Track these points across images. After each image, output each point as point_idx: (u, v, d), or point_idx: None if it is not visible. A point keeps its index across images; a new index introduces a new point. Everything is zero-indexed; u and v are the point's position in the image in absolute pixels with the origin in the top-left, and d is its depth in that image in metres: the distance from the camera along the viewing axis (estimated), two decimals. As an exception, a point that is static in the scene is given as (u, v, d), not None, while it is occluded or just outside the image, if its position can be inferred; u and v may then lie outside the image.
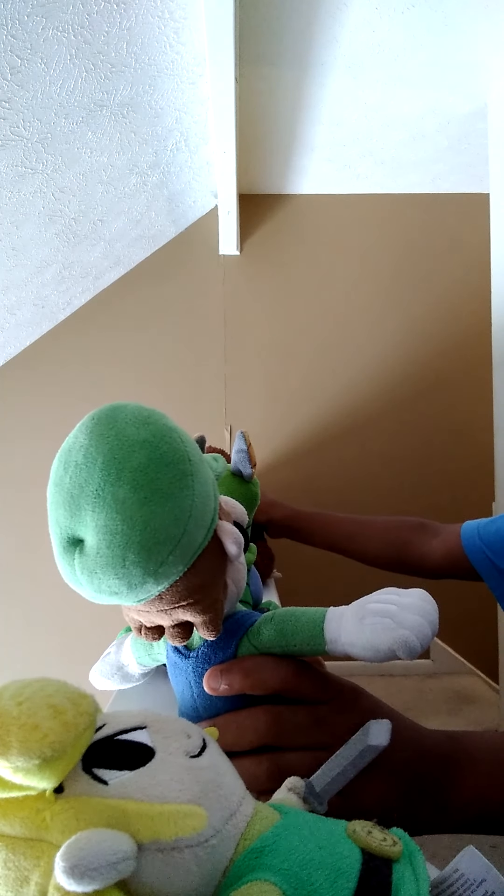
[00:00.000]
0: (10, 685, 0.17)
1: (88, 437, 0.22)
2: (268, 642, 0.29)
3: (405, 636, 0.25)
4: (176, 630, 0.26)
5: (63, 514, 0.22)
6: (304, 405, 1.97)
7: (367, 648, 0.25)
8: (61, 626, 1.85)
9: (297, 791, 0.23)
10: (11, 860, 0.16)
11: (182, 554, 0.23)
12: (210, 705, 0.29)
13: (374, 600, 0.27)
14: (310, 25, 1.20)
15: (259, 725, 0.28)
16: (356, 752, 0.23)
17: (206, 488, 0.25)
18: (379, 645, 0.25)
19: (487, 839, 1.12)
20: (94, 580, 0.22)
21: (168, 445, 0.23)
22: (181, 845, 0.16)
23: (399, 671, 1.93)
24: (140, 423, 0.23)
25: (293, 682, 0.28)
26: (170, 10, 1.03)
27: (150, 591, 0.23)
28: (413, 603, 0.26)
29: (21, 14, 0.86)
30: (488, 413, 1.76)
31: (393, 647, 0.25)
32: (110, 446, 0.22)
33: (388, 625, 0.25)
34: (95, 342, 1.92)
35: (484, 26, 1.21)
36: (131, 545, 0.21)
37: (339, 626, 0.27)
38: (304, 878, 0.17)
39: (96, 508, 0.21)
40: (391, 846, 0.19)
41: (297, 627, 0.28)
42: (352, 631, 0.26)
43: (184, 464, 0.23)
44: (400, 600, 0.27)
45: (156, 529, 0.22)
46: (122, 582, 0.22)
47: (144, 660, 0.37)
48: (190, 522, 0.23)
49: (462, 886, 0.18)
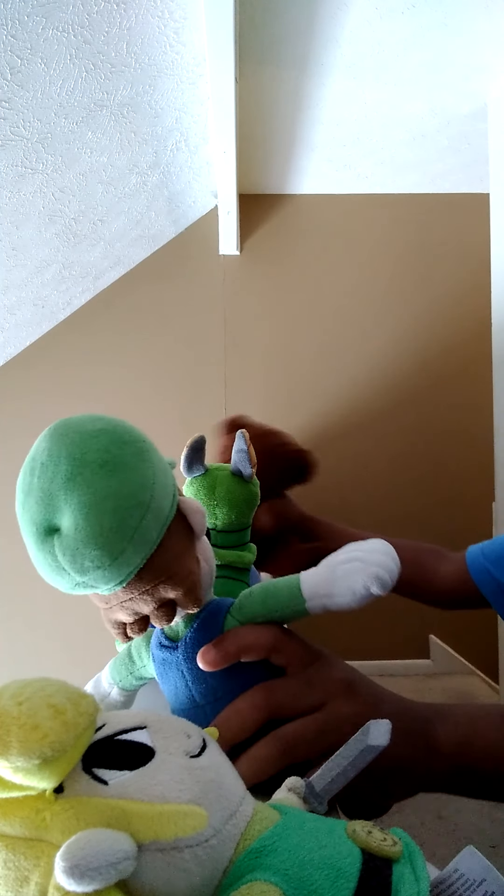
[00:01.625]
0: (10, 685, 0.17)
1: (49, 440, 0.24)
2: (251, 613, 0.31)
3: (376, 571, 0.28)
4: (161, 611, 0.27)
5: (37, 511, 0.24)
6: (303, 405, 1.97)
7: (344, 593, 0.28)
8: (61, 626, 1.85)
9: (297, 791, 0.23)
10: (11, 860, 0.16)
11: (154, 520, 0.25)
12: (206, 689, 0.30)
13: (341, 553, 0.30)
14: (310, 25, 1.20)
15: (256, 701, 0.29)
16: (356, 752, 0.23)
17: (163, 464, 0.27)
18: (354, 585, 0.28)
19: (487, 839, 1.12)
20: (76, 558, 0.23)
21: (122, 429, 0.26)
22: (181, 845, 0.16)
23: (399, 671, 1.93)
24: (94, 420, 0.26)
25: (281, 642, 0.30)
26: (170, 10, 1.03)
27: (131, 563, 0.24)
28: (374, 546, 0.30)
29: (21, 14, 0.86)
30: (488, 413, 1.76)
31: (367, 584, 0.28)
32: (71, 440, 0.24)
33: (359, 566, 0.28)
34: (95, 342, 1.92)
35: (484, 26, 1.21)
36: (106, 513, 0.23)
37: (314, 581, 0.30)
38: (304, 878, 0.17)
39: (69, 491, 0.23)
40: (391, 846, 0.19)
41: (276, 593, 0.30)
42: (327, 581, 0.29)
43: (140, 442, 0.26)
44: (362, 546, 0.30)
45: (126, 496, 0.24)
46: (103, 552, 0.23)
47: (127, 681, 0.37)
48: (155, 489, 0.25)
49: (462, 886, 0.18)
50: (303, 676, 0.30)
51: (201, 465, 0.43)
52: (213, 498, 0.43)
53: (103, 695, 0.38)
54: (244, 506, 0.45)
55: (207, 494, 0.43)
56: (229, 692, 0.30)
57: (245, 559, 0.46)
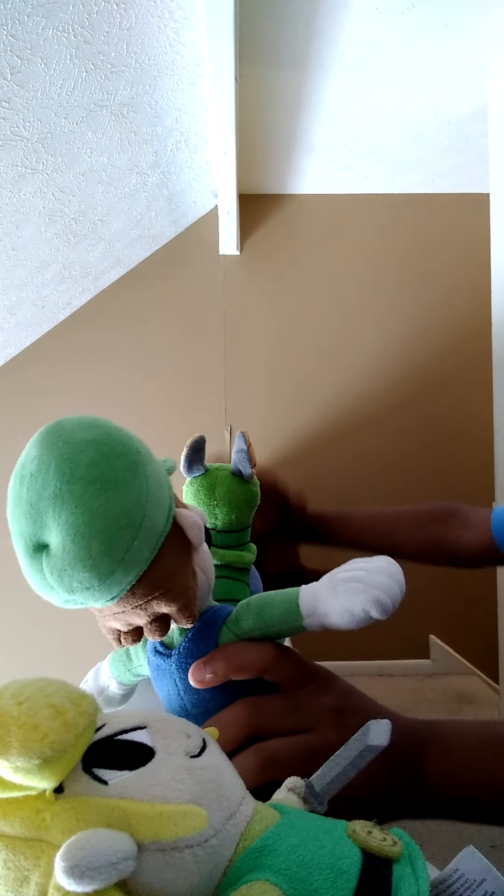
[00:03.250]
0: (10, 685, 0.17)
1: (39, 448, 0.23)
2: (247, 627, 0.30)
3: (376, 595, 0.26)
4: (154, 625, 0.27)
5: (25, 524, 0.23)
6: (304, 405, 1.97)
7: (342, 614, 0.27)
8: (61, 626, 1.85)
9: (297, 791, 0.23)
10: (11, 860, 0.16)
11: (146, 539, 0.24)
12: (198, 699, 0.29)
13: (343, 570, 0.29)
14: (310, 26, 1.20)
15: (239, 717, 0.28)
16: (356, 753, 0.23)
17: (158, 477, 0.26)
18: (353, 608, 0.26)
19: (487, 839, 1.12)
20: (64, 578, 0.22)
21: (115, 440, 0.24)
22: (181, 845, 0.16)
23: (399, 671, 1.93)
24: (86, 427, 0.24)
25: (274, 662, 0.29)
26: (170, 10, 1.03)
27: (121, 583, 0.23)
28: (379, 566, 0.28)
29: (21, 14, 0.86)
30: (488, 413, 1.76)
31: (366, 608, 0.26)
32: (61, 451, 0.23)
33: (360, 588, 0.27)
34: (95, 342, 1.92)
35: (484, 26, 1.21)
36: (95, 535, 0.22)
37: (313, 599, 0.28)
38: (304, 878, 0.17)
39: (57, 508, 0.22)
40: (391, 846, 0.19)
41: (273, 608, 0.29)
42: (326, 600, 0.27)
43: (133, 455, 0.24)
44: (367, 566, 0.28)
45: (116, 516, 0.23)
46: (92, 574, 0.22)
47: (125, 677, 0.37)
48: (148, 507, 0.24)
49: (462, 886, 0.18)
50: (291, 697, 0.29)
51: (201, 465, 0.44)
52: (213, 498, 0.44)
53: (103, 687, 0.38)
54: (244, 506, 0.45)
55: (207, 494, 0.44)
56: (221, 704, 0.29)
57: (245, 559, 0.46)
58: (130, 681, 0.37)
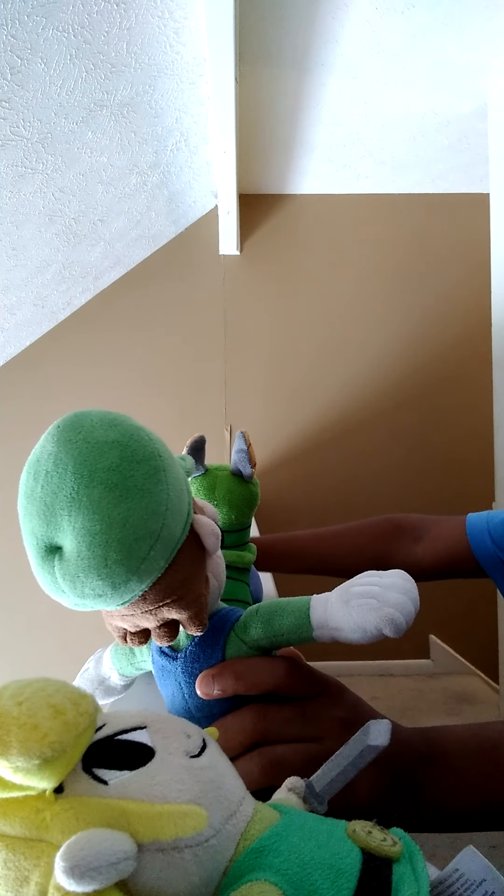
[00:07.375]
0: (10, 685, 0.17)
1: (56, 444, 0.22)
2: (255, 635, 0.29)
3: (391, 614, 0.25)
4: (162, 630, 0.26)
5: (38, 524, 0.22)
6: (304, 405, 1.97)
7: (354, 630, 0.26)
8: (61, 626, 1.86)
9: (297, 791, 0.23)
10: (11, 860, 0.16)
11: (163, 548, 0.23)
12: (203, 704, 0.29)
13: (357, 583, 0.28)
14: (310, 25, 1.20)
15: (245, 724, 0.28)
16: (356, 753, 0.23)
17: (178, 483, 0.25)
18: (366, 625, 0.25)
19: (487, 839, 1.12)
20: (76, 585, 0.22)
21: (137, 443, 0.23)
22: (181, 845, 0.16)
23: (399, 671, 1.93)
24: (107, 426, 0.23)
25: (286, 680, 0.29)
26: (170, 10, 1.03)
27: (134, 591, 0.23)
28: (394, 582, 0.27)
29: (21, 14, 0.86)
30: (488, 413, 1.76)
31: (379, 626, 0.25)
32: (80, 450, 0.22)
33: (373, 605, 0.26)
34: (95, 342, 1.92)
35: (484, 26, 1.21)
36: (112, 544, 0.21)
37: (325, 611, 0.27)
38: (304, 877, 0.17)
39: (72, 512, 0.21)
40: (391, 846, 0.19)
41: (283, 617, 0.28)
42: (338, 614, 0.27)
43: (155, 459, 0.23)
44: (381, 581, 0.27)
45: (135, 525, 0.22)
46: (105, 583, 0.22)
47: (127, 670, 0.36)
48: (167, 516, 0.23)
49: (462, 886, 0.18)
50: (300, 707, 0.29)
51: (201, 465, 0.44)
52: (213, 498, 0.44)
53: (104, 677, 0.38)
54: (244, 506, 0.45)
55: (207, 494, 0.44)
56: (227, 709, 0.29)
57: (245, 559, 0.46)
58: (132, 673, 0.37)
